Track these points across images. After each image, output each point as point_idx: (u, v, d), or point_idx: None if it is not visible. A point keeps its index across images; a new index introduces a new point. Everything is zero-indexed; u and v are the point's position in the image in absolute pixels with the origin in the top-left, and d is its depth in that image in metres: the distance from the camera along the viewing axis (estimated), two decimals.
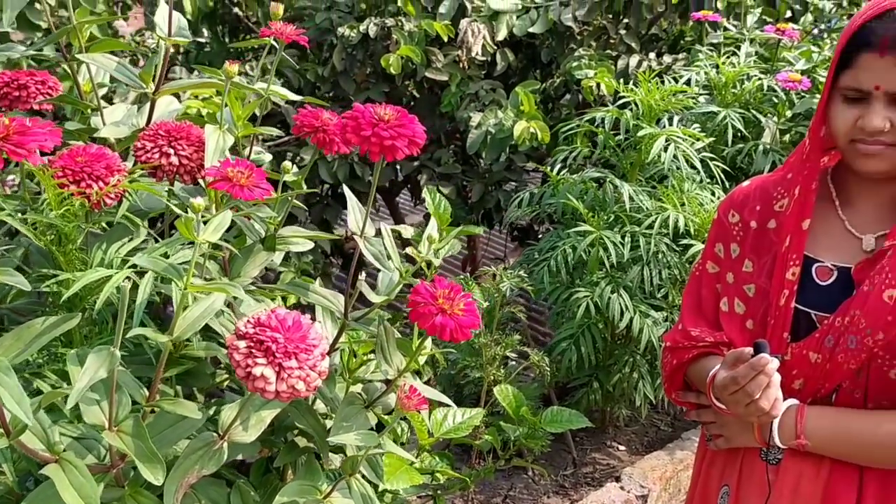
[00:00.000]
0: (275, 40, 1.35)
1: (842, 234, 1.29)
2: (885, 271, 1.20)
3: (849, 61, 1.17)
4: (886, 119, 1.16)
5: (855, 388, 1.24)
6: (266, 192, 1.06)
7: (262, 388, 0.91)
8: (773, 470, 1.29)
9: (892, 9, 1.14)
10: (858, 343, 1.20)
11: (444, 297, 1.05)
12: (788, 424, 1.24)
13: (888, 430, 1.20)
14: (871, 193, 1.28)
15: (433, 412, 1.59)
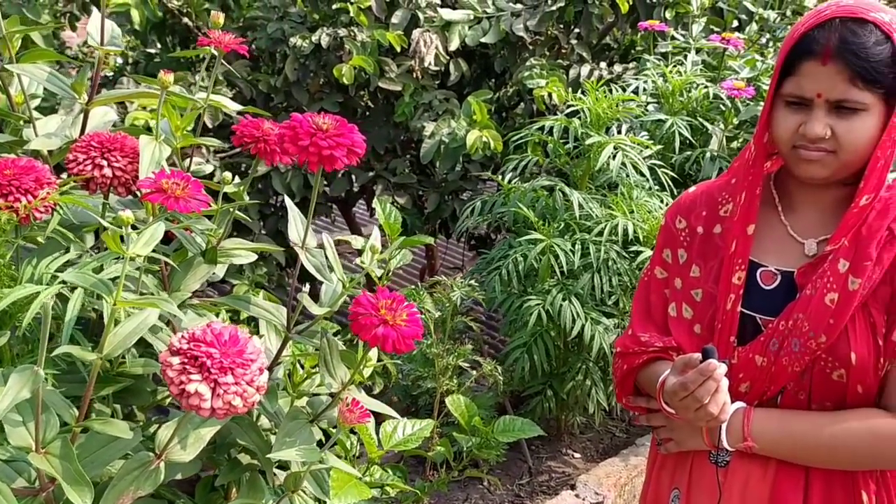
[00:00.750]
0: (215, 49, 1.32)
1: (785, 238, 1.31)
2: (826, 275, 1.22)
3: (792, 69, 1.19)
4: (827, 126, 1.17)
5: (799, 390, 1.25)
6: (203, 204, 1.04)
7: (197, 405, 0.89)
8: (721, 472, 1.30)
9: (833, 18, 1.16)
10: (802, 346, 1.22)
11: (386, 308, 1.04)
12: (736, 427, 1.26)
13: (830, 432, 1.22)
14: (812, 199, 1.30)
15: (383, 425, 1.57)
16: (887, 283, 1.21)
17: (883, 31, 1.15)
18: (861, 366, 1.21)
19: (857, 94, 1.16)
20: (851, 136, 1.18)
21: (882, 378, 1.22)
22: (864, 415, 1.22)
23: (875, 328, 1.21)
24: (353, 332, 1.02)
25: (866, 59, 1.14)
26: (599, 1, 3.38)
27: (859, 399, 1.23)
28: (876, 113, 1.18)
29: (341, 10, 3.45)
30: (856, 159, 1.21)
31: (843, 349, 1.21)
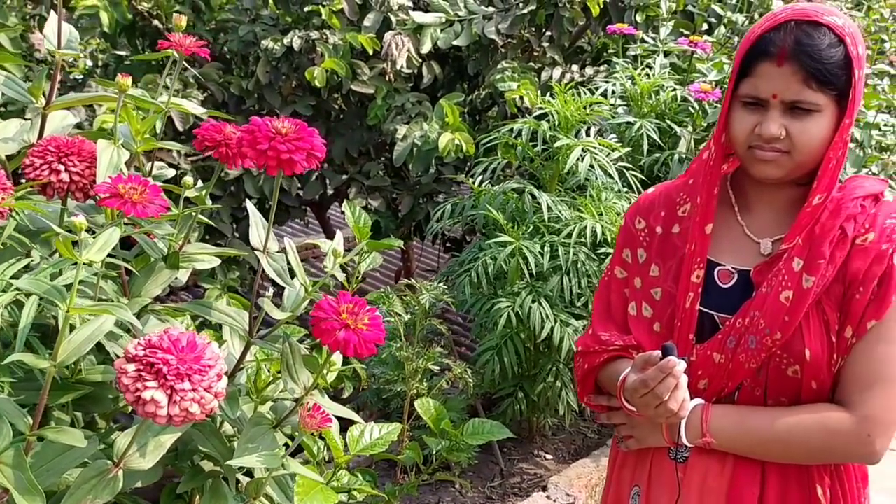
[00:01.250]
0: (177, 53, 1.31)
1: (741, 238, 1.34)
2: (781, 274, 1.25)
3: (748, 70, 1.22)
4: (782, 126, 1.20)
5: (756, 386, 1.28)
6: (161, 209, 1.03)
7: (154, 412, 0.88)
8: (681, 468, 1.32)
9: (788, 21, 1.19)
10: (758, 343, 1.25)
11: (347, 312, 1.03)
12: (694, 424, 1.28)
13: (785, 427, 1.25)
14: (767, 199, 1.33)
15: (350, 429, 1.57)
16: (840, 282, 1.24)
17: (836, 35, 1.18)
18: (815, 362, 1.23)
19: (811, 96, 1.18)
20: (805, 137, 1.21)
21: (835, 374, 1.25)
22: (818, 410, 1.25)
23: (828, 325, 1.24)
24: (315, 336, 1.02)
25: (820, 61, 1.17)
26: (570, 4, 3.40)
27: (813, 395, 1.26)
28: (829, 114, 1.21)
29: (313, 12, 3.44)
30: (809, 160, 1.24)
31: (797, 346, 1.24)
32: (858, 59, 1.21)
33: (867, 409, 1.22)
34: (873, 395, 1.22)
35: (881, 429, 1.22)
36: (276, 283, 1.24)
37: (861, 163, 2.35)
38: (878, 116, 2.45)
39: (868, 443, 1.22)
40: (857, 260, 1.23)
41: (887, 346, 1.22)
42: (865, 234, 1.24)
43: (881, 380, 1.22)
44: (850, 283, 1.23)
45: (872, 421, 1.22)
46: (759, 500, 1.29)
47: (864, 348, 1.23)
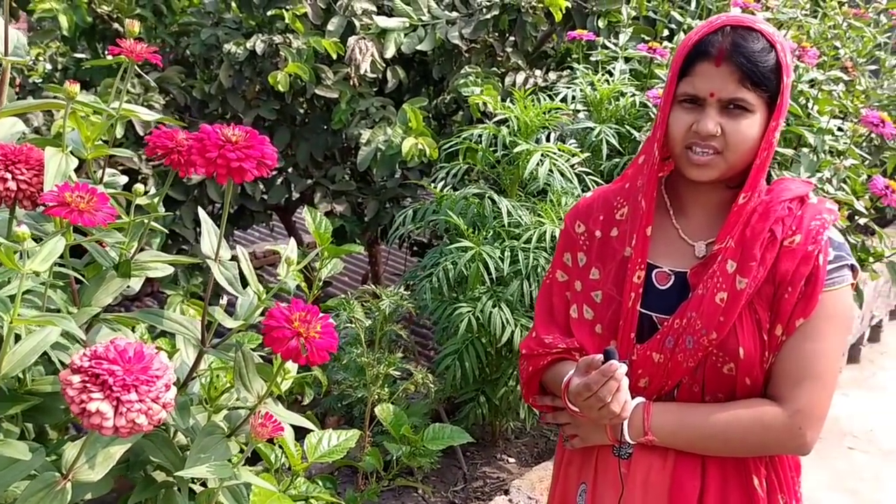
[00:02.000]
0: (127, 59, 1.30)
1: (676, 241, 1.40)
2: (716, 275, 1.31)
3: (687, 70, 1.28)
4: (718, 124, 1.26)
5: (693, 384, 1.34)
6: (109, 217, 1.02)
7: (99, 424, 0.87)
8: (625, 464, 1.37)
9: (725, 26, 1.26)
10: (695, 343, 1.30)
11: (300, 320, 1.03)
12: (636, 422, 1.33)
13: (723, 422, 1.31)
14: (701, 202, 1.39)
15: (308, 436, 1.57)
16: (770, 282, 1.30)
17: (768, 41, 1.26)
18: (748, 359, 1.30)
19: (746, 95, 1.25)
20: (738, 136, 1.27)
21: (767, 370, 1.32)
22: (753, 405, 1.31)
23: (760, 324, 1.30)
24: (266, 345, 1.01)
25: (755, 63, 1.24)
26: (533, 10, 3.42)
27: (747, 390, 1.32)
28: (760, 116, 1.28)
29: (277, 16, 3.43)
30: (740, 160, 1.30)
31: (732, 344, 1.30)
32: (787, 66, 1.29)
33: (798, 403, 1.29)
34: (803, 390, 1.29)
35: (811, 421, 1.30)
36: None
37: (814, 168, 2.40)
38: (830, 122, 2.51)
39: (800, 435, 1.29)
40: (786, 261, 1.30)
41: (815, 343, 1.29)
42: (793, 235, 1.30)
43: (810, 375, 1.29)
44: (779, 283, 1.30)
45: (803, 414, 1.29)
46: (699, 492, 1.35)
47: (793, 345, 1.30)
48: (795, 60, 2.61)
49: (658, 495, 1.35)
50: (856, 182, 2.59)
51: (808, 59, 2.69)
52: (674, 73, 1.30)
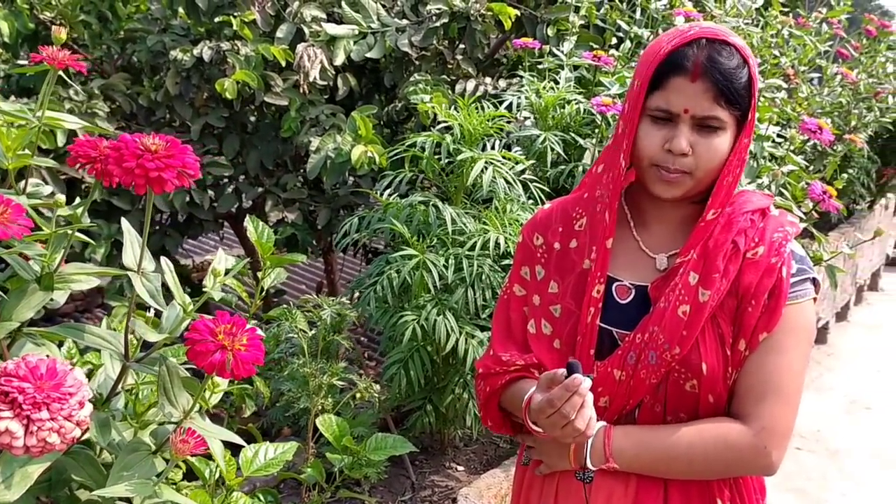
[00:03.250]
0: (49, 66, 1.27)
1: (637, 253, 1.36)
2: (678, 288, 1.27)
3: (660, 83, 1.23)
4: (690, 143, 1.22)
5: (655, 403, 1.30)
6: (24, 230, 0.99)
7: (9, 444, 0.85)
8: (588, 488, 1.32)
9: (699, 38, 1.21)
10: (658, 358, 1.26)
11: (224, 333, 1.01)
12: (597, 447, 1.28)
13: (686, 444, 1.27)
14: (663, 215, 1.35)
15: (243, 450, 1.54)
16: (733, 295, 1.27)
17: (742, 56, 1.21)
18: (711, 376, 1.26)
19: (720, 113, 1.21)
20: (709, 155, 1.24)
21: (731, 387, 1.28)
22: (716, 424, 1.27)
23: (723, 339, 1.27)
24: (189, 358, 0.99)
25: (730, 81, 1.20)
26: (482, 18, 3.44)
27: (711, 409, 1.28)
28: (730, 133, 1.24)
29: (225, 23, 3.39)
30: (708, 178, 1.26)
31: (694, 360, 1.26)
32: (756, 81, 1.25)
33: (763, 420, 1.25)
34: (767, 406, 1.25)
35: (776, 440, 1.25)
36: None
37: (754, 174, 2.44)
38: (769, 129, 2.55)
39: (766, 454, 1.25)
40: (749, 273, 1.27)
41: (778, 357, 1.26)
42: (756, 247, 1.27)
43: (774, 391, 1.25)
44: (742, 296, 1.27)
45: (768, 432, 1.24)
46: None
47: (757, 360, 1.26)
48: None
49: None
50: (795, 188, 2.64)
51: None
52: (642, 83, 1.25)
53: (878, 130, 5.23)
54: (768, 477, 1.35)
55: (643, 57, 1.28)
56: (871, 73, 4.69)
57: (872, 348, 5.63)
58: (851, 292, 6.09)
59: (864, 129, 4.65)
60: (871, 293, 6.91)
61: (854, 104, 4.44)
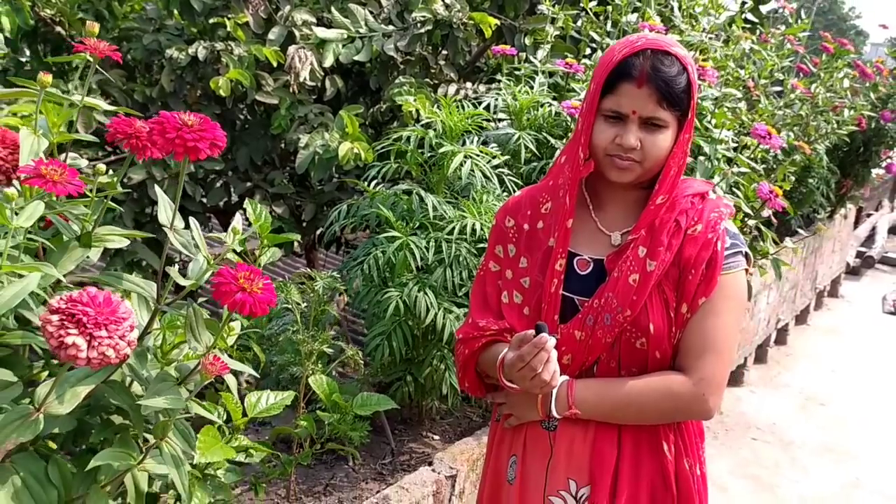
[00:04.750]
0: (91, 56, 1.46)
1: (595, 232, 1.59)
2: (629, 260, 1.50)
3: (612, 88, 1.46)
4: (638, 138, 1.45)
5: (611, 359, 1.53)
6: (78, 188, 1.18)
7: (75, 355, 1.04)
8: (552, 436, 1.55)
9: (645, 49, 1.44)
10: (612, 320, 1.49)
11: (244, 279, 1.21)
12: (562, 398, 1.51)
13: (637, 393, 1.50)
14: (617, 199, 1.59)
15: (248, 395, 1.73)
16: (675, 266, 1.50)
17: (682, 64, 1.45)
18: (658, 335, 1.49)
19: (663, 114, 1.44)
20: (655, 149, 1.46)
21: (675, 345, 1.51)
22: (662, 376, 1.50)
23: (668, 303, 1.50)
24: (215, 298, 1.19)
25: (671, 86, 1.43)
26: (464, 26, 3.66)
27: (658, 363, 1.51)
28: (672, 130, 1.47)
29: (219, 24, 3.56)
30: (655, 167, 1.49)
31: (643, 321, 1.49)
32: (696, 85, 1.49)
33: (701, 372, 1.48)
34: (706, 360, 1.48)
35: (713, 388, 1.49)
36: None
37: (709, 173, 2.68)
38: (723, 133, 2.80)
39: (703, 401, 1.48)
40: (689, 247, 1.50)
41: (715, 319, 1.49)
42: (695, 225, 1.51)
43: (711, 348, 1.48)
44: (683, 266, 1.49)
45: (706, 382, 1.48)
46: (616, 458, 1.53)
47: (696, 322, 1.49)
48: None
49: (580, 462, 1.54)
50: (748, 188, 2.89)
51: (708, 78, 2.99)
52: (597, 87, 1.47)
53: (839, 143, 5.54)
54: (706, 421, 1.60)
55: (599, 64, 1.52)
56: (829, 87, 4.98)
57: (829, 350, 5.92)
58: (811, 297, 6.37)
59: (821, 140, 4.93)
60: (831, 299, 7.21)
61: (812, 117, 4.72)
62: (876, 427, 4.66)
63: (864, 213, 9.31)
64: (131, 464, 1.23)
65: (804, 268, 5.82)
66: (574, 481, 1.54)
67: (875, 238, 8.75)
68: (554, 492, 1.55)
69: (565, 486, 1.55)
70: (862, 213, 9.06)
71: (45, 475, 1.22)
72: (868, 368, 5.59)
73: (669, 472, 1.55)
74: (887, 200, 11.10)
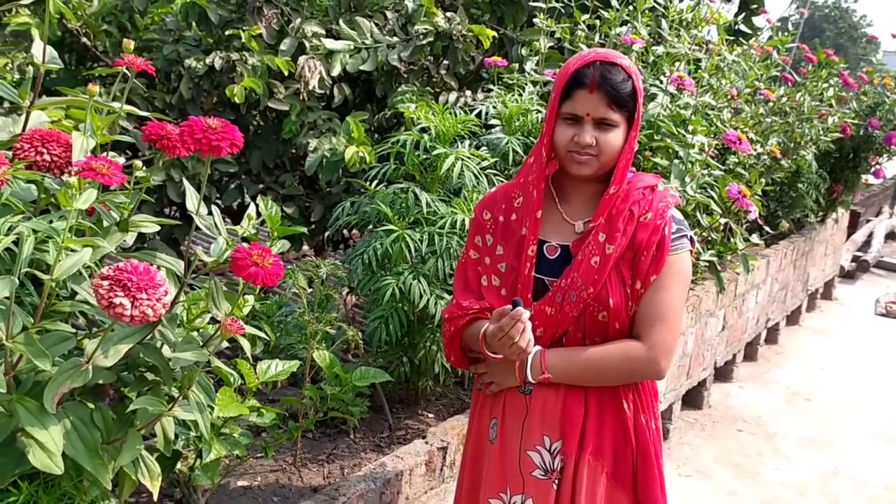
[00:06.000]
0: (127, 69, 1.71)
1: (561, 221, 1.84)
2: (591, 245, 1.76)
3: (568, 95, 1.72)
4: (593, 137, 1.71)
5: (577, 331, 1.78)
6: (122, 179, 1.44)
7: (121, 313, 1.28)
8: (528, 398, 1.80)
9: (595, 61, 1.71)
10: (577, 297, 1.74)
11: (257, 255, 1.46)
12: (535, 365, 1.76)
13: (599, 358, 1.75)
14: (580, 192, 1.84)
15: (259, 363, 1.98)
16: (630, 249, 1.75)
17: (627, 72, 1.71)
18: (616, 308, 1.74)
19: (612, 115, 1.70)
20: (608, 145, 1.72)
21: (631, 317, 1.76)
22: (621, 343, 1.75)
23: (624, 281, 1.75)
24: (231, 270, 1.44)
25: (618, 91, 1.69)
26: (463, 38, 3.91)
27: (617, 333, 1.76)
28: (622, 129, 1.73)
29: (234, 35, 3.82)
30: (610, 161, 1.75)
31: (604, 297, 1.73)
32: (640, 91, 1.74)
33: (653, 339, 1.73)
34: (657, 329, 1.73)
35: (663, 353, 1.74)
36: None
37: (683, 175, 2.91)
38: (695, 138, 3.03)
39: (656, 363, 1.74)
40: (641, 232, 1.75)
41: (665, 293, 1.74)
42: (646, 213, 1.76)
43: (661, 318, 1.74)
44: (637, 249, 1.74)
45: (658, 348, 1.73)
46: (583, 415, 1.78)
47: (649, 296, 1.74)
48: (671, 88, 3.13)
49: (552, 420, 1.79)
50: (722, 189, 3.11)
51: (687, 87, 3.22)
52: (556, 95, 1.74)
53: (829, 150, 5.75)
54: (658, 381, 1.85)
55: (558, 76, 1.78)
56: (816, 96, 5.20)
57: (819, 350, 6.11)
58: (803, 298, 6.56)
59: (808, 146, 5.15)
60: (824, 301, 7.40)
61: (798, 124, 4.94)
62: (857, 420, 4.86)
63: (864, 218, 9.48)
64: (163, 410, 1.48)
65: (794, 269, 6.02)
66: (548, 437, 1.79)
67: (871, 242, 8.92)
68: (531, 446, 1.80)
69: (540, 442, 1.79)
70: (861, 219, 9.24)
71: (91, 419, 1.47)
72: (855, 366, 5.78)
73: (629, 426, 1.80)
74: (887, 207, 11.27)
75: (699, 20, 3.76)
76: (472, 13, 4.36)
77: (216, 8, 3.94)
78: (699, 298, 4.08)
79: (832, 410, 4.97)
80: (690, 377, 4.46)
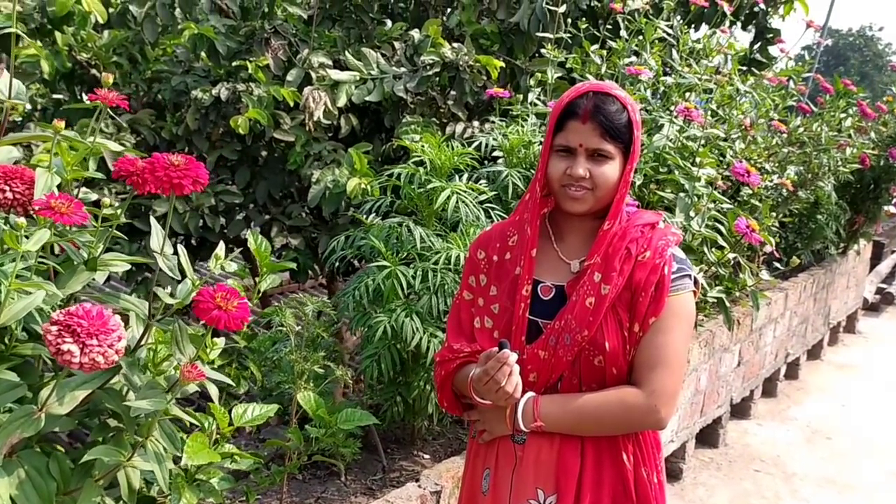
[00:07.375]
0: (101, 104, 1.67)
1: (556, 260, 1.76)
2: (586, 285, 1.67)
3: (561, 126, 1.65)
4: (587, 169, 1.63)
5: (572, 376, 1.68)
6: (83, 219, 1.38)
7: (69, 360, 1.22)
8: (520, 448, 1.71)
9: (588, 92, 1.65)
10: (572, 340, 1.65)
11: (221, 298, 1.40)
12: (528, 412, 1.67)
13: (595, 406, 1.65)
14: (575, 230, 1.75)
15: (235, 407, 1.91)
16: (628, 289, 1.66)
17: (622, 103, 1.64)
18: (613, 352, 1.64)
19: (606, 146, 1.63)
20: (603, 178, 1.64)
21: (630, 361, 1.66)
22: (619, 390, 1.65)
23: (622, 323, 1.66)
24: (195, 314, 1.37)
25: (612, 121, 1.62)
26: (470, 69, 3.87)
27: (615, 379, 1.66)
28: (618, 161, 1.65)
29: (241, 66, 3.81)
30: (605, 195, 1.66)
31: (600, 340, 1.64)
32: (637, 123, 1.67)
33: (653, 385, 1.62)
34: (657, 374, 1.63)
35: (664, 399, 1.63)
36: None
37: (688, 209, 2.82)
38: (700, 171, 2.94)
39: (656, 411, 1.63)
40: (639, 272, 1.66)
41: (665, 336, 1.64)
42: (644, 252, 1.67)
43: (661, 363, 1.63)
44: (634, 289, 1.65)
45: (658, 394, 1.62)
46: (580, 467, 1.68)
47: (648, 339, 1.64)
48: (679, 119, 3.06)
49: (547, 472, 1.68)
50: (731, 223, 3.01)
51: (695, 118, 3.14)
52: (550, 128, 1.67)
53: (849, 180, 5.62)
54: (660, 431, 1.73)
55: (553, 108, 1.70)
56: (834, 126, 5.09)
57: (841, 385, 5.92)
58: (824, 332, 6.39)
59: (826, 177, 5.02)
60: (847, 335, 7.20)
61: (815, 154, 4.82)
62: (880, 460, 4.68)
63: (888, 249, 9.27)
64: (121, 460, 1.41)
65: (815, 302, 5.87)
66: (542, 490, 1.69)
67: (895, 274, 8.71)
68: (524, 500, 1.70)
69: (534, 495, 1.69)
70: (885, 250, 9.04)
71: (46, 469, 1.41)
72: (879, 403, 5.59)
73: (629, 480, 1.69)
74: None
75: (709, 50, 3.69)
76: (482, 43, 4.32)
77: (225, 39, 3.94)
78: (712, 333, 3.96)
79: (854, 449, 4.79)
80: (704, 415, 4.32)
